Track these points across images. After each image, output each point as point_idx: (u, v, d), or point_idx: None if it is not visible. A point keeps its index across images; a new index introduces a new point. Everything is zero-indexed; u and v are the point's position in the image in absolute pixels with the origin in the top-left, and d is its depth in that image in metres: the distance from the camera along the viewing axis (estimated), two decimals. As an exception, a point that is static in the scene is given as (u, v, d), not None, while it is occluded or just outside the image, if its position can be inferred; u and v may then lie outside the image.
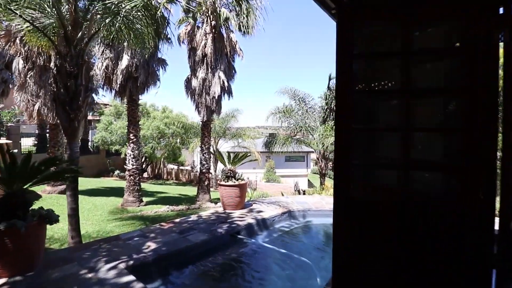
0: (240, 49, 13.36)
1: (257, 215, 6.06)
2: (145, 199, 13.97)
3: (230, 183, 6.48)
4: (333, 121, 10.91)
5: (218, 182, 6.65)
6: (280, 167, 26.19)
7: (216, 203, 13.41)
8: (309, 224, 6.06)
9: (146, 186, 21.90)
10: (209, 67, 13.08)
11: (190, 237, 4.79)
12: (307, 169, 29.23)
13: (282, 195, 13.31)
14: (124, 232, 5.45)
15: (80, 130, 6.87)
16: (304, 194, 10.04)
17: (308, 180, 29.99)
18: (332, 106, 11.83)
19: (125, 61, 11.71)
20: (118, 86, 12.00)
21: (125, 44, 11.73)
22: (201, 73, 13.13)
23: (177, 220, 5.78)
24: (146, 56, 11.57)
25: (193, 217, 5.94)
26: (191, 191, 20.72)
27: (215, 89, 13.02)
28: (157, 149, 24.20)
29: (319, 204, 6.69)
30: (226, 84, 13.14)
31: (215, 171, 23.26)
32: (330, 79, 11.91)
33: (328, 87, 12.11)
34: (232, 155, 6.88)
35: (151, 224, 9.85)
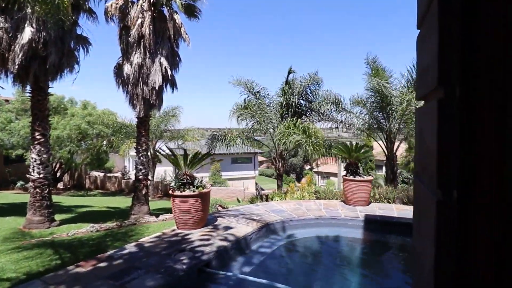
0: (186, 34, 11.43)
1: (227, 234, 4.47)
2: (59, 217, 10.76)
3: (187, 192, 4.73)
4: (292, 118, 9.94)
5: (171, 192, 4.83)
6: (227, 169, 24.45)
7: (157, 216, 11.11)
8: (294, 240, 4.73)
9: (62, 199, 17.76)
10: (147, 51, 10.79)
11: (133, 285, 2.94)
12: (255, 171, 28.15)
13: (238, 201, 11.82)
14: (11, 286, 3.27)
15: None
16: (267, 199, 8.76)
17: (256, 183, 28.95)
18: (291, 102, 10.89)
19: (27, 33, 8.65)
20: (17, 67, 8.81)
21: (28, 10, 8.81)
22: (136, 58, 10.75)
23: (107, 254, 3.79)
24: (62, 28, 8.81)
25: (133, 246, 4.02)
26: (123, 202, 17.55)
27: (155, 78, 10.80)
28: (77, 153, 20.02)
29: (300, 212, 5.45)
30: (169, 72, 11.03)
31: (153, 177, 20.39)
32: (289, 72, 10.96)
33: (287, 82, 11.15)
34: (190, 155, 5.13)
35: (66, 252, 7.23)
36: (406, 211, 5.33)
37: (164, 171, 24.92)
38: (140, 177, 11.91)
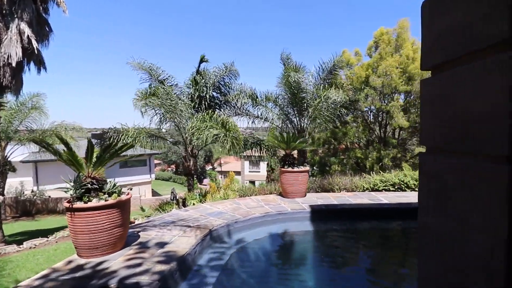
0: (61, -3, 8.65)
1: (165, 252, 3.30)
2: None
3: (98, 202, 3.25)
4: (208, 111, 9.03)
5: (68, 204, 3.20)
6: (114, 175, 20.32)
7: (19, 243, 7.90)
8: (246, 244, 3.97)
9: None
10: (-5, 11, 7.54)
11: None
12: (151, 175, 24.76)
13: (143, 210, 9.88)
14: None
15: None
16: (184, 203, 7.51)
17: (152, 190, 25.65)
18: (204, 94, 9.90)
19: None
20: None
21: None
22: (-25, 18, 7.34)
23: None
24: None
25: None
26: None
27: (11, 50, 7.67)
28: None
29: (242, 211, 4.72)
30: (34, 45, 8.05)
31: (4, 191, 14.88)
32: (202, 61, 9.84)
33: (198, 72, 10.03)
34: (97, 149, 3.58)
35: None
36: (341, 198, 5.48)
37: (20, 183, 18.85)
38: (-16, 192, 8.30)
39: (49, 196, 18.27)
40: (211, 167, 39.47)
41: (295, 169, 5.41)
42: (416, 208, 3.72)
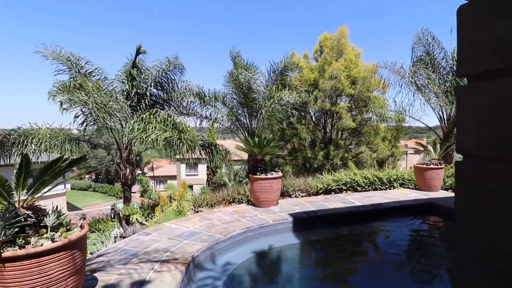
0: None
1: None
2: None
3: (39, 248, 2.29)
4: (152, 111, 7.88)
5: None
6: None
7: None
8: (234, 273, 3.38)
9: None
10: None
11: None
12: (65, 185, 20.55)
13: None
14: None
15: None
16: (128, 221, 6.29)
17: (68, 203, 21.45)
18: (144, 91, 8.58)
19: None
20: None
21: None
22: None
23: None
24: None
25: None
26: None
27: None
28: None
29: (219, 229, 4.10)
30: None
31: None
32: (138, 53, 8.41)
33: (134, 65, 8.58)
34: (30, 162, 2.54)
35: None
36: (315, 203, 5.37)
37: None
38: None
39: None
40: (140, 172, 35.73)
41: (269, 175, 5.08)
42: (389, 208, 3.70)
